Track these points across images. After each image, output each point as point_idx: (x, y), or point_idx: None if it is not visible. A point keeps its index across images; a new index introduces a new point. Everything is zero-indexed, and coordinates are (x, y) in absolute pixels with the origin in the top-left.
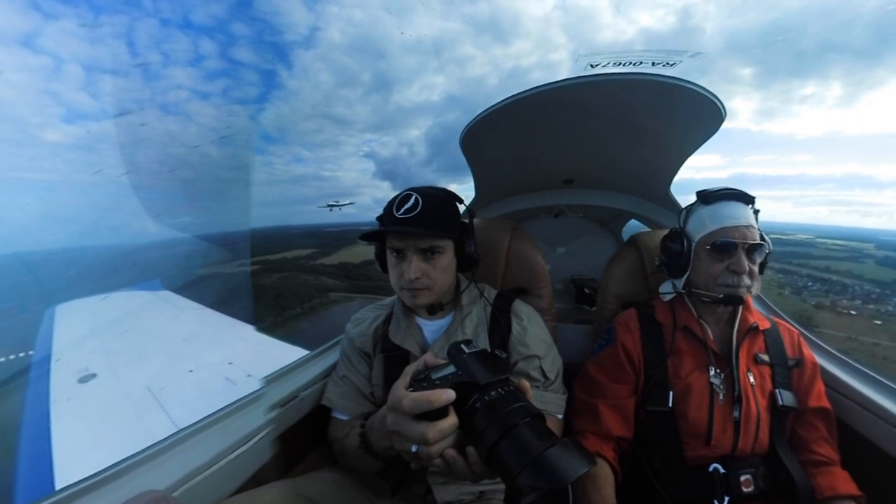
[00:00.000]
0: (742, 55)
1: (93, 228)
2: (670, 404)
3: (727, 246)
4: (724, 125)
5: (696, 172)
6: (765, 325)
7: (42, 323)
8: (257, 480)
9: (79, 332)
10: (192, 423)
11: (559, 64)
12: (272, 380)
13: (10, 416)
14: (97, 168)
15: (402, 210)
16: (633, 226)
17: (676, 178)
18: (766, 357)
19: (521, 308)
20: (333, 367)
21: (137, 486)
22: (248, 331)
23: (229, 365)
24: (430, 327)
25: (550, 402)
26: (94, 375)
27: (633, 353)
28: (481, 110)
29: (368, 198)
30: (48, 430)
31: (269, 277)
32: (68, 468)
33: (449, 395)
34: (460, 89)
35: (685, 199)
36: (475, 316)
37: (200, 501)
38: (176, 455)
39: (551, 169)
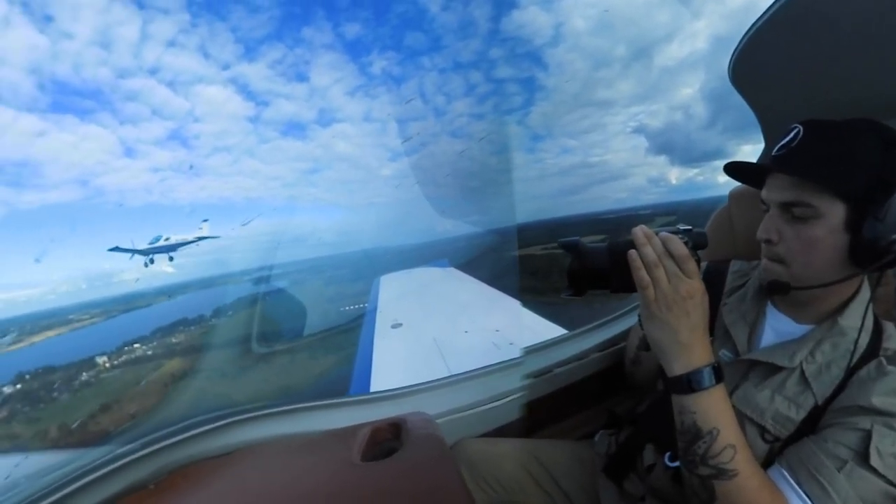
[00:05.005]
0: None
1: (407, 231)
2: None
3: None
4: None
5: None
6: None
7: (373, 287)
8: (500, 433)
9: (394, 294)
10: (461, 371)
11: None
12: (531, 351)
13: (354, 342)
14: (409, 188)
15: (778, 147)
16: None
17: None
18: None
19: None
20: (589, 351)
21: (414, 406)
22: (514, 304)
23: (496, 332)
24: (778, 325)
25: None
26: (401, 324)
27: None
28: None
29: (642, 178)
30: (371, 354)
31: None
32: (378, 381)
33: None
34: (727, 26)
35: None
36: (844, 347)
37: (453, 434)
38: (444, 393)
39: (876, 91)
